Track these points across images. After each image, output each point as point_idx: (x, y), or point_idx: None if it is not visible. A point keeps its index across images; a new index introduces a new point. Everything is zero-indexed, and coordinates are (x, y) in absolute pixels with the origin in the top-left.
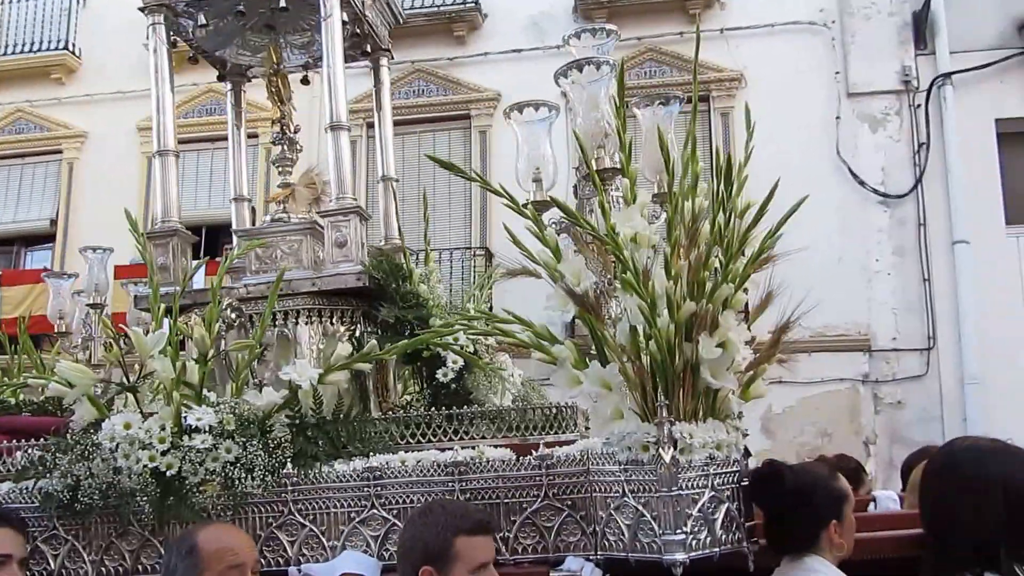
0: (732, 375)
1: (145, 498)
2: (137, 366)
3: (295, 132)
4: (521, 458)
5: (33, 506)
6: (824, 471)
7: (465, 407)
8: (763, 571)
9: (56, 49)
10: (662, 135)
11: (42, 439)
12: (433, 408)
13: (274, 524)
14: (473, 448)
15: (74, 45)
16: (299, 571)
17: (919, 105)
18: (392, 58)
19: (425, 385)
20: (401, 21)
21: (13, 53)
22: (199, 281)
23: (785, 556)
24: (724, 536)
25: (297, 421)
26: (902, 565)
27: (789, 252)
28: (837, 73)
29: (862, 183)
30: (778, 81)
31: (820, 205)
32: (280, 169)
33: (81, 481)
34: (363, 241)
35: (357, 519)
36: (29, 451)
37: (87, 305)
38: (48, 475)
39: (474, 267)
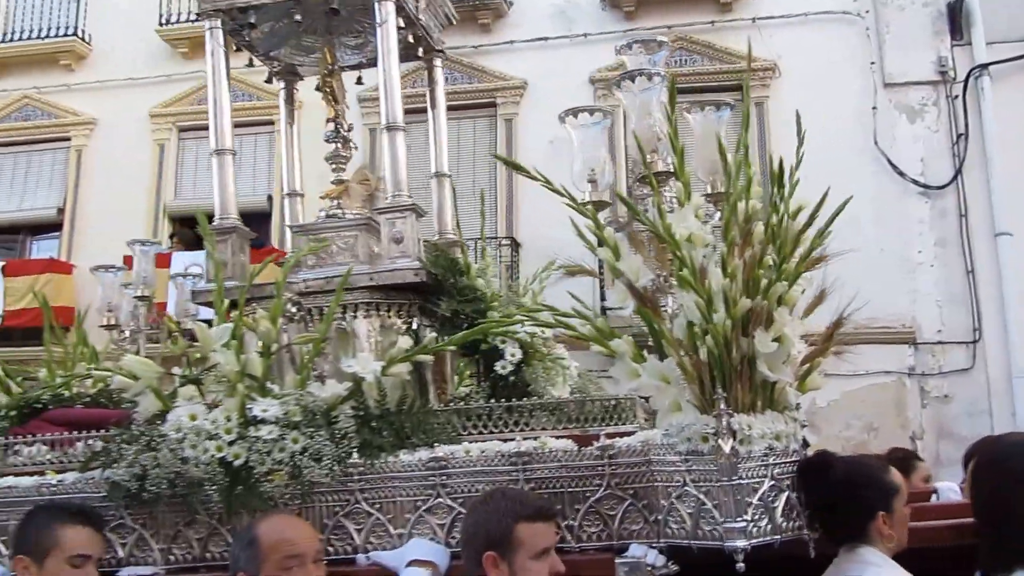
0: (788, 368)
1: (214, 487)
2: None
3: (348, 130)
4: (583, 448)
5: (99, 495)
6: (874, 463)
7: (523, 399)
8: (823, 559)
9: (65, 35)
10: (721, 144)
11: (100, 430)
12: (492, 400)
13: (341, 512)
14: (535, 439)
15: (83, 31)
16: (367, 559)
17: (956, 96)
18: (445, 58)
19: (483, 378)
20: (454, 22)
21: (21, 39)
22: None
23: (841, 547)
24: (784, 524)
25: (362, 412)
26: (960, 554)
27: (843, 252)
28: (872, 63)
29: (901, 174)
30: (812, 71)
31: (858, 196)
32: (334, 166)
33: (148, 471)
34: (419, 237)
35: (423, 507)
36: (90, 442)
37: (135, 298)
38: (114, 465)
39: (500, 257)
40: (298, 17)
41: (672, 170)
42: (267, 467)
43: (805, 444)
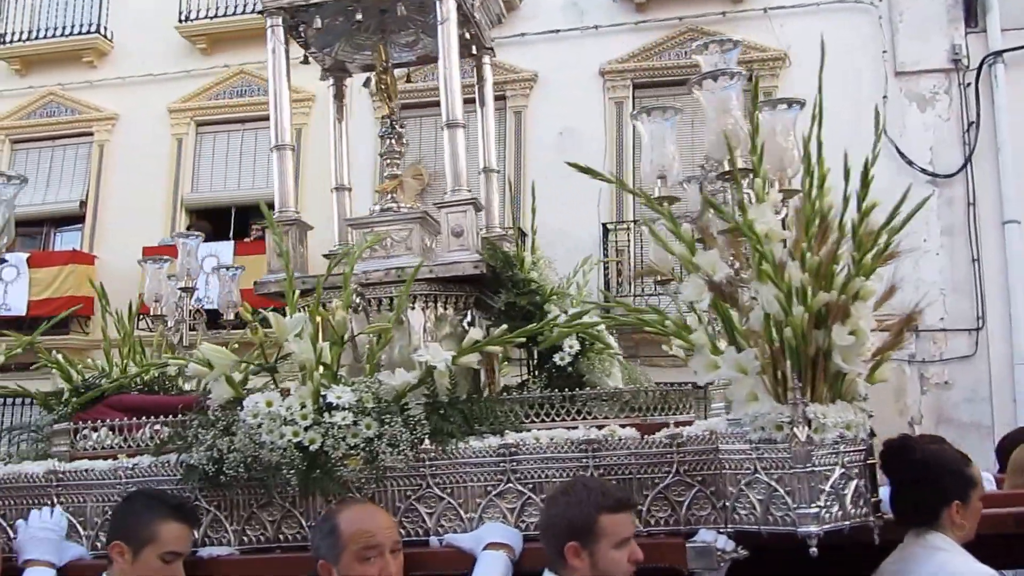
0: (861, 360)
1: (291, 471)
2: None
3: (402, 127)
4: (652, 436)
5: (172, 478)
6: (957, 454)
7: (577, 389)
8: (888, 544)
9: (88, 32)
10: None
11: (159, 416)
12: (548, 389)
13: (413, 497)
14: (598, 427)
15: (105, 28)
16: (440, 542)
17: (969, 84)
18: (494, 56)
19: (536, 367)
20: (503, 20)
21: (45, 37)
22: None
23: (910, 531)
24: (853, 510)
25: (432, 400)
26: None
27: (914, 249)
28: (884, 52)
29: (910, 163)
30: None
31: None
32: (388, 161)
33: (225, 455)
34: (478, 231)
35: (494, 492)
36: (159, 427)
37: (179, 289)
38: (189, 449)
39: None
40: (359, 16)
41: (749, 167)
42: (342, 452)
43: (871, 434)
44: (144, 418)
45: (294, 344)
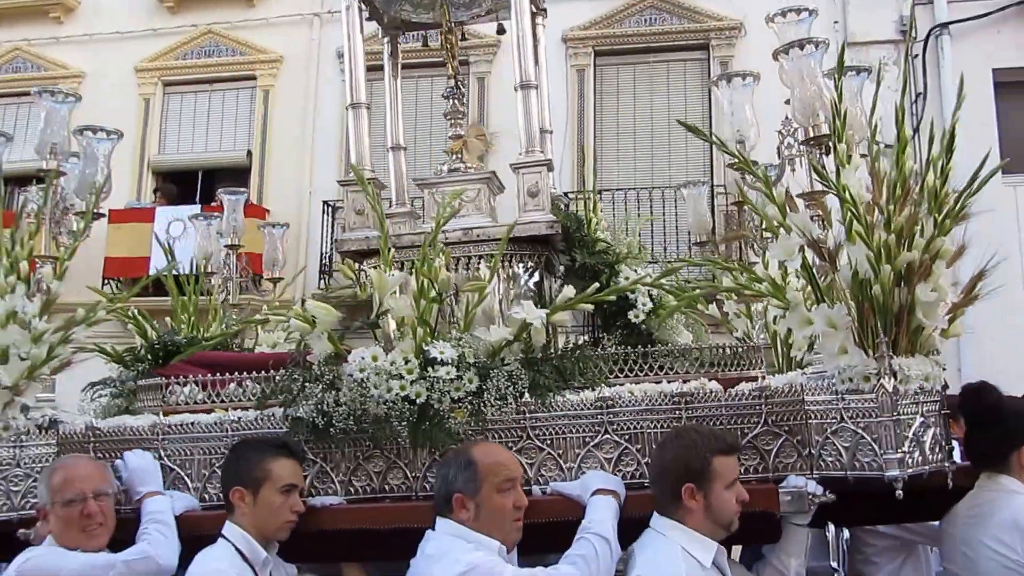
0: (941, 316)
1: (402, 423)
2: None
3: (465, 87)
4: (739, 388)
5: (278, 431)
6: (1020, 406)
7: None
8: (960, 489)
9: None
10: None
11: (239, 372)
12: (622, 346)
13: (514, 448)
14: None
15: None
16: (543, 491)
17: (916, 55)
18: (546, 16)
19: (606, 325)
20: None
21: None
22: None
23: (983, 473)
24: (932, 456)
25: (528, 355)
26: None
27: (988, 210)
28: (836, 22)
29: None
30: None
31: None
32: (452, 121)
33: (335, 408)
34: (551, 191)
35: (591, 443)
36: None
37: (225, 246)
38: (294, 403)
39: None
40: None
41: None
42: (446, 405)
43: (945, 386)
44: (227, 374)
45: (392, 301)
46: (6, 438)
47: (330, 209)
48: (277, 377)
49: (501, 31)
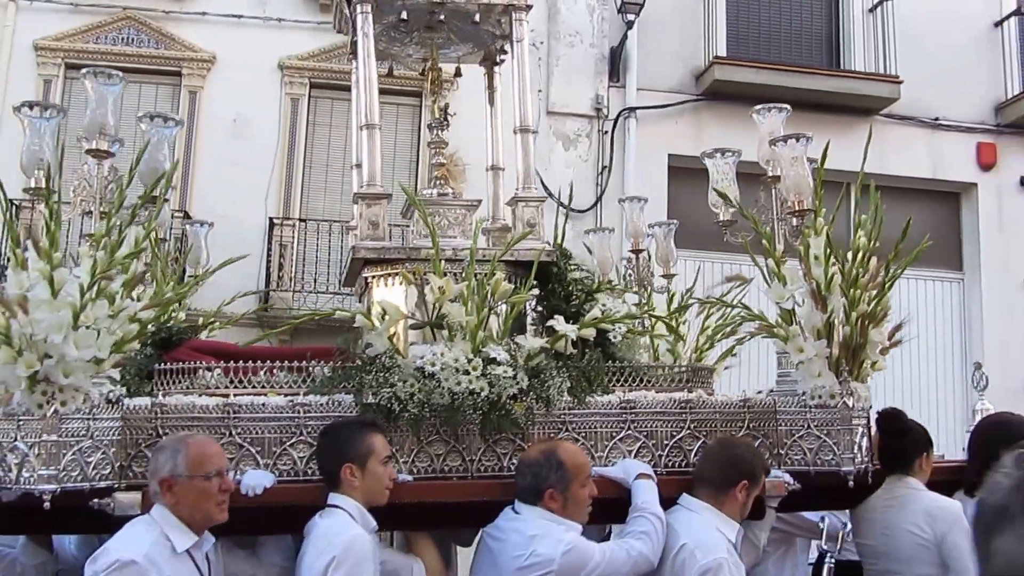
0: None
1: (475, 412)
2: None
3: (450, 116)
4: (727, 399)
5: (346, 415)
6: (921, 427)
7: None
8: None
9: None
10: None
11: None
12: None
13: (554, 438)
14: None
15: None
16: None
17: (607, 132)
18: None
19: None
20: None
21: None
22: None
23: (892, 474)
24: (866, 457)
25: (560, 362)
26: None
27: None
28: (540, 91)
29: (551, 194)
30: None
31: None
32: (435, 151)
33: (410, 397)
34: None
35: (617, 437)
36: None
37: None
38: (360, 390)
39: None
40: (442, 17)
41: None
42: (504, 399)
43: (869, 405)
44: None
45: (451, 307)
46: (84, 410)
47: None
48: (328, 366)
49: (458, 73)
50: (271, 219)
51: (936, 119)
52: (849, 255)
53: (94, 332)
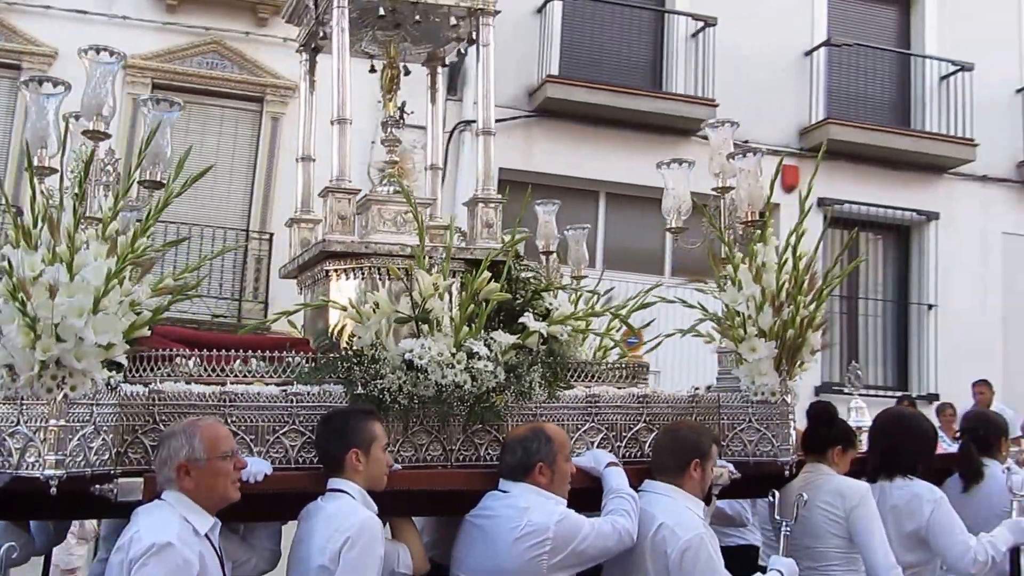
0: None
1: (462, 404)
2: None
3: (405, 116)
4: (678, 394)
5: (337, 405)
6: (845, 424)
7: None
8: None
9: None
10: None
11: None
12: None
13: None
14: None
15: None
16: None
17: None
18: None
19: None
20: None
21: None
22: None
23: (809, 461)
24: (793, 448)
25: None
26: None
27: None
28: (379, 101)
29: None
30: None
31: None
32: (388, 148)
33: (399, 389)
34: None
35: (582, 429)
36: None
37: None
38: (349, 382)
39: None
40: (417, 17)
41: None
42: (484, 391)
43: None
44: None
45: (436, 302)
46: (89, 396)
47: None
48: (306, 357)
49: (407, 72)
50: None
51: (746, 141)
52: (790, 265)
53: (113, 317)
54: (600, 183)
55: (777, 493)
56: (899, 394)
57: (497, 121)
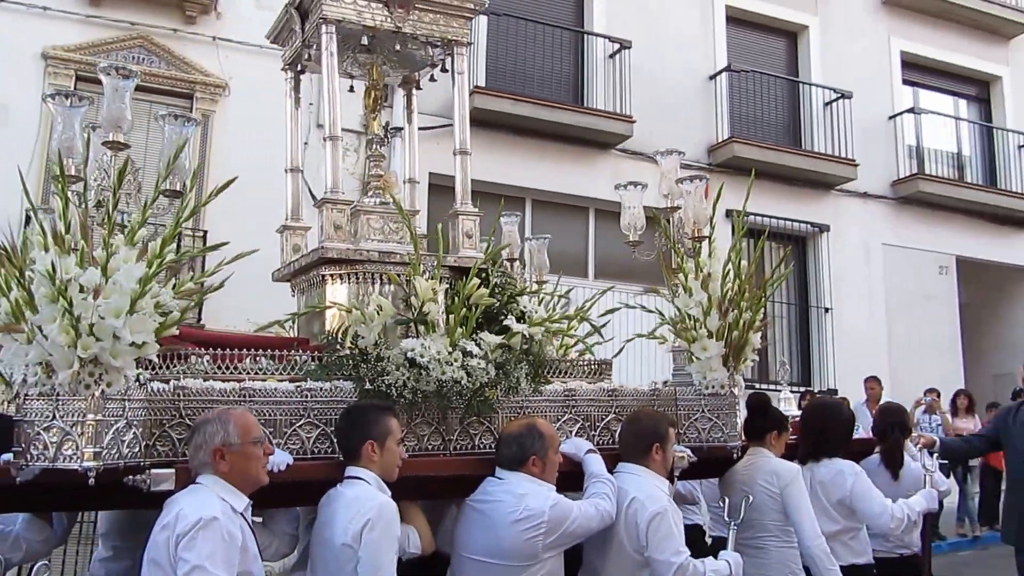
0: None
1: (462, 398)
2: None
3: (388, 134)
4: (641, 389)
5: (348, 400)
6: (778, 411)
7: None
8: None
9: None
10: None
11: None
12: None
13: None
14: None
15: None
16: None
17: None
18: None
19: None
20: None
21: None
22: None
23: (751, 446)
24: (739, 434)
25: (513, 356)
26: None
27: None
28: (311, 104)
29: (315, 198)
30: (263, 97)
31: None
32: (374, 163)
33: (405, 385)
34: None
35: (561, 420)
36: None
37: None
38: (358, 378)
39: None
40: (397, 46)
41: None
42: (477, 386)
43: None
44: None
45: (431, 305)
46: (121, 391)
47: None
48: (313, 355)
49: (352, 90)
50: (28, 213)
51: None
52: (731, 274)
53: (146, 318)
54: (526, 190)
55: (728, 499)
56: (802, 389)
57: (427, 128)
